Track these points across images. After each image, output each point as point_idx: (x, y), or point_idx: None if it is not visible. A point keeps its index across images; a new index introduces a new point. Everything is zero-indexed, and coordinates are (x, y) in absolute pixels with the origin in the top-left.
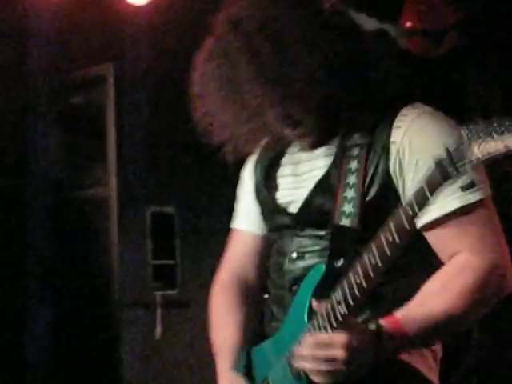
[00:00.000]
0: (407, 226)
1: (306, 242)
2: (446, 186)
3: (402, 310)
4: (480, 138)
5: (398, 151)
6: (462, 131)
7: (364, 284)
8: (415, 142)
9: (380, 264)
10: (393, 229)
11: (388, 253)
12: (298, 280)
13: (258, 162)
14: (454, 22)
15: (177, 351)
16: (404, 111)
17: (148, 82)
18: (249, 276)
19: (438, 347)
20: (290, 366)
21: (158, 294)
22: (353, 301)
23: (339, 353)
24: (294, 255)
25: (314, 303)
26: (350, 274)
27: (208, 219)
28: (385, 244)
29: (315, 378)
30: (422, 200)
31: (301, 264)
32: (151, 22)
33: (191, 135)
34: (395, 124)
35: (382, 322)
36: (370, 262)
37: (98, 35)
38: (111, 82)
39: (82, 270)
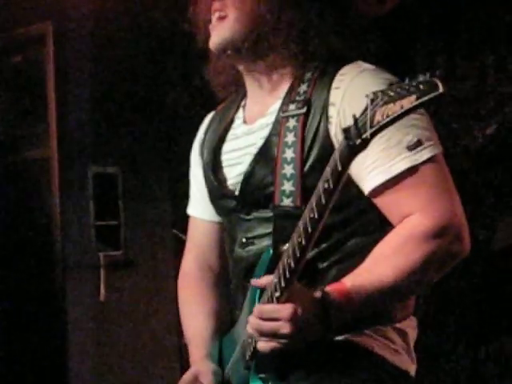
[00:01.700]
0: (323, 200)
1: (253, 225)
2: (390, 146)
3: (349, 277)
4: (384, 103)
5: (338, 113)
6: (367, 98)
7: (292, 264)
8: (356, 101)
9: (304, 242)
10: (314, 206)
11: (309, 229)
12: (249, 268)
13: (204, 141)
14: None
15: (121, 312)
16: (343, 70)
17: (89, 40)
18: (211, 264)
19: (408, 326)
20: (242, 355)
21: (102, 254)
22: (284, 283)
23: (283, 325)
24: (244, 240)
25: (254, 281)
26: (284, 255)
27: (152, 180)
28: (307, 220)
29: (258, 347)
30: (335, 174)
31: (252, 250)
32: None
33: (134, 95)
34: (334, 85)
35: (328, 288)
36: (297, 240)
37: None
38: (51, 41)
39: (24, 233)
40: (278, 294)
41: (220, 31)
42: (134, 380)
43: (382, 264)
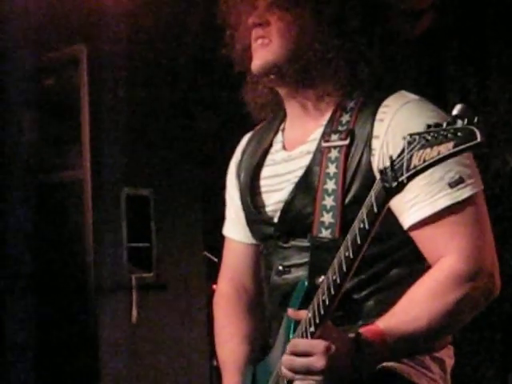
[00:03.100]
0: (359, 240)
1: (290, 253)
2: (432, 182)
3: (384, 318)
4: (421, 147)
5: (381, 146)
6: (404, 141)
7: (327, 301)
8: (400, 134)
9: (339, 280)
10: (349, 243)
11: (344, 268)
12: (286, 295)
13: (241, 162)
14: (430, 3)
15: (153, 334)
16: (386, 101)
17: (123, 63)
18: (247, 286)
19: (446, 354)
20: None
21: (134, 276)
22: (319, 319)
23: (316, 360)
24: (280, 268)
25: (290, 311)
26: (319, 291)
27: (184, 202)
28: (343, 259)
29: None
30: (371, 215)
31: (288, 278)
32: (126, 2)
33: (168, 117)
34: (377, 117)
35: (362, 329)
36: (332, 278)
37: (71, 16)
38: (84, 64)
39: (57, 254)
40: (312, 329)
41: (263, 54)
42: None
43: (417, 306)
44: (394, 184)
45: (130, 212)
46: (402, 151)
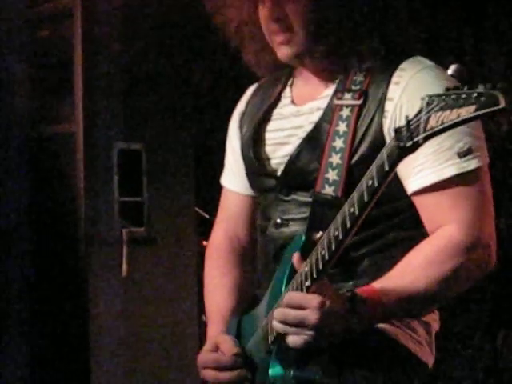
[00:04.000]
0: (366, 197)
1: (290, 207)
2: (441, 150)
3: (381, 280)
4: (440, 109)
5: (395, 109)
6: (423, 100)
7: (327, 256)
8: (415, 98)
9: (341, 236)
10: (355, 200)
11: (348, 224)
12: (282, 248)
13: (244, 114)
14: None
15: (142, 288)
16: (403, 65)
17: (118, 15)
18: (241, 237)
19: (431, 318)
20: (263, 339)
21: (125, 231)
22: (316, 274)
23: (310, 314)
24: (279, 221)
25: (296, 258)
26: (319, 246)
27: (176, 157)
28: (347, 215)
29: (287, 341)
30: (381, 173)
31: (285, 231)
32: None
33: (161, 72)
34: (393, 80)
35: (358, 289)
36: (333, 233)
37: None
38: (79, 15)
39: (48, 207)
40: (308, 283)
41: (289, 49)
42: (155, 354)
43: (414, 271)
44: (409, 143)
45: (121, 166)
46: (420, 112)
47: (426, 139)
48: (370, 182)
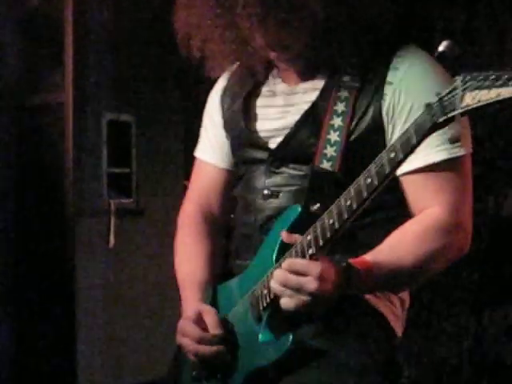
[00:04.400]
0: (387, 169)
1: (281, 180)
2: (434, 135)
3: (372, 253)
4: (476, 87)
5: (393, 92)
6: (457, 79)
7: (336, 225)
8: (413, 85)
9: (355, 206)
10: (373, 171)
11: (364, 194)
12: (269, 219)
13: (226, 89)
14: None
15: (129, 260)
16: (401, 52)
17: None
18: (214, 209)
19: (406, 296)
20: (252, 306)
21: (113, 201)
22: (323, 241)
23: (310, 281)
24: (266, 192)
25: (284, 234)
26: (325, 215)
27: (166, 129)
28: (362, 185)
29: (282, 303)
30: (407, 145)
31: (274, 203)
32: None
33: (152, 43)
34: (392, 65)
35: (352, 260)
36: (345, 203)
37: None
38: None
39: (36, 176)
40: (311, 251)
41: (284, 55)
42: (142, 325)
43: (403, 248)
44: (442, 118)
45: (110, 137)
46: (454, 89)
47: (462, 115)
48: (393, 155)
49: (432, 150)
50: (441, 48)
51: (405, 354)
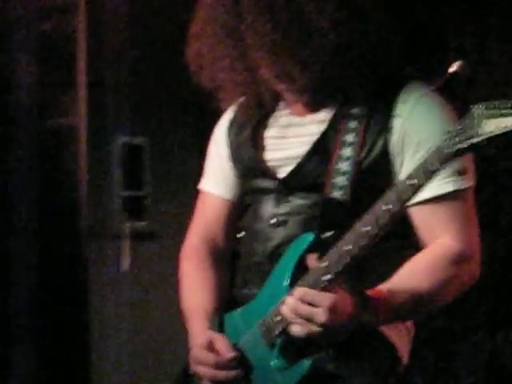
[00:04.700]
0: (409, 194)
1: (289, 208)
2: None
3: (386, 284)
4: (492, 116)
5: (402, 126)
6: (473, 109)
7: (354, 250)
8: (422, 119)
9: (374, 232)
10: (393, 197)
11: (383, 221)
12: (278, 248)
13: (233, 121)
14: None
15: (144, 282)
16: (410, 86)
17: (123, 8)
18: (218, 241)
19: (411, 325)
20: (264, 333)
21: (127, 225)
22: (340, 268)
23: (321, 312)
24: (274, 221)
25: (310, 258)
26: (340, 241)
27: (179, 152)
28: (381, 211)
29: (292, 329)
30: (428, 173)
31: (282, 232)
32: None
33: (166, 66)
34: (400, 99)
35: (369, 292)
36: (363, 228)
37: None
38: (83, 8)
39: (51, 200)
40: (328, 277)
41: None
42: (156, 348)
43: (416, 278)
44: (466, 144)
45: (124, 160)
46: (471, 117)
47: (489, 141)
48: (414, 182)
49: (441, 181)
50: (453, 68)
51: (419, 373)
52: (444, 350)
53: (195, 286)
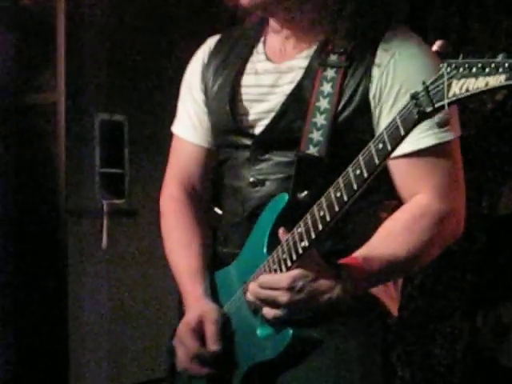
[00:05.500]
0: (376, 160)
1: (266, 167)
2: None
3: (362, 250)
4: (462, 76)
5: (381, 74)
6: (442, 67)
7: (328, 217)
8: (402, 68)
9: (345, 198)
10: (361, 163)
11: (354, 186)
12: (257, 208)
13: (208, 64)
14: None
15: (123, 260)
16: (391, 33)
17: None
18: (198, 190)
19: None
20: (247, 300)
21: (106, 202)
22: (315, 234)
23: (280, 295)
24: (252, 180)
25: (281, 231)
26: (315, 207)
27: (158, 129)
28: (352, 177)
29: (264, 313)
30: (394, 136)
31: (261, 191)
32: None
33: (145, 43)
34: (381, 46)
35: (342, 261)
36: (335, 195)
37: None
38: None
39: (28, 177)
40: (304, 243)
41: None
42: (135, 325)
43: (395, 240)
44: (429, 109)
45: (103, 138)
46: (438, 78)
47: (450, 105)
48: (381, 146)
49: (421, 135)
50: (434, 48)
51: (398, 355)
52: (422, 331)
53: (183, 243)
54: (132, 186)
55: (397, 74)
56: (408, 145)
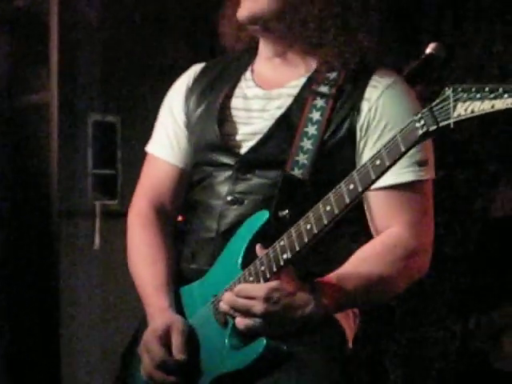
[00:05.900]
0: (372, 176)
1: (246, 187)
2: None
3: (337, 271)
4: (468, 99)
5: (369, 109)
6: (447, 90)
7: (314, 230)
8: (390, 105)
9: (336, 211)
10: (356, 178)
11: (347, 200)
12: (233, 226)
13: (192, 89)
14: None
15: (115, 261)
16: (380, 73)
17: None
18: (167, 209)
19: (358, 311)
20: (216, 311)
21: (98, 203)
22: (299, 246)
23: (256, 304)
24: (230, 198)
25: (258, 247)
26: (301, 221)
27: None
28: (345, 192)
29: (236, 323)
30: (394, 153)
31: (238, 209)
32: None
33: (138, 44)
34: (371, 83)
35: (317, 280)
36: (325, 209)
37: None
38: None
39: (21, 178)
40: (286, 256)
41: (251, 6)
42: (127, 326)
43: (368, 265)
44: (433, 128)
45: (96, 139)
46: (444, 99)
47: (456, 124)
48: (379, 162)
49: (401, 171)
50: (428, 50)
51: (391, 357)
52: (415, 333)
53: (150, 258)
54: (124, 187)
55: (385, 110)
56: (388, 178)
